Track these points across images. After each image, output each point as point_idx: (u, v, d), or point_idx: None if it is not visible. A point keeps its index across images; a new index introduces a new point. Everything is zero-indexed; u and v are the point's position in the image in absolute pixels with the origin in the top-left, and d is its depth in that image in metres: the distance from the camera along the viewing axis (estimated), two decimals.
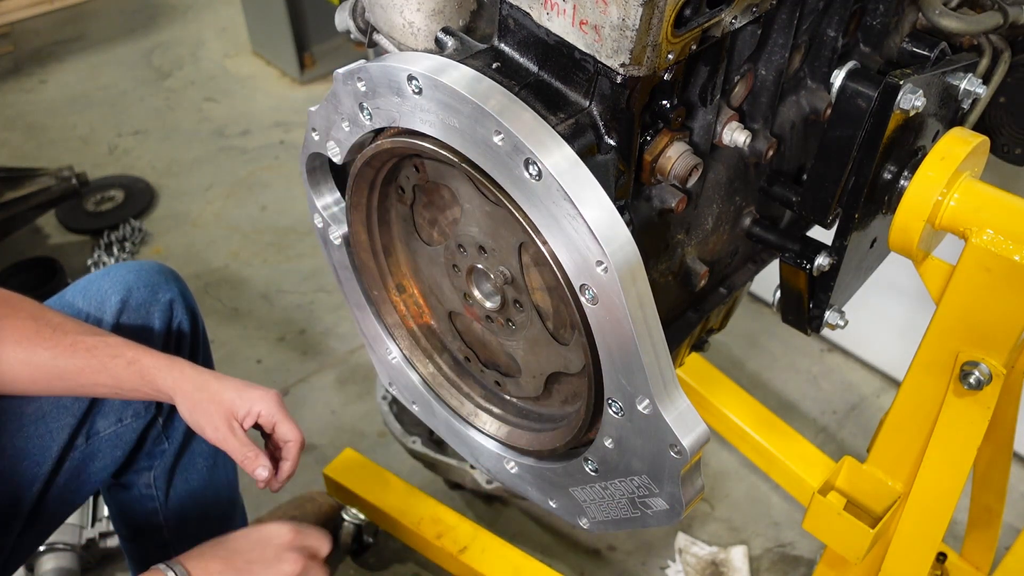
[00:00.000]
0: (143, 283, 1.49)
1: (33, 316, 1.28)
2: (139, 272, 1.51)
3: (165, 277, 1.53)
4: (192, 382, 1.28)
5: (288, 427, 1.30)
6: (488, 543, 1.92)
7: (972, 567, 1.91)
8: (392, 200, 1.23)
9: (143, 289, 1.49)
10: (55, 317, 1.30)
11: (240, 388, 1.29)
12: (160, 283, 1.51)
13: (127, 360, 1.27)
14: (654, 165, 1.05)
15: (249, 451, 1.27)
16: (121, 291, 1.47)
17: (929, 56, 1.21)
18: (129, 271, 1.50)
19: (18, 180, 2.92)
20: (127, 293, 1.47)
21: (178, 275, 1.57)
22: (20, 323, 1.26)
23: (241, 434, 1.28)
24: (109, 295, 1.46)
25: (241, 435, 1.28)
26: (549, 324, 1.15)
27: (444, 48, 1.08)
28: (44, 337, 1.26)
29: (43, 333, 1.26)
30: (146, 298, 1.49)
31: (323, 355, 2.67)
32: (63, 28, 4.36)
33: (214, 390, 1.28)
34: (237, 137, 3.61)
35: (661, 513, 1.10)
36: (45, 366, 1.25)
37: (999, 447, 1.64)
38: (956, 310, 1.12)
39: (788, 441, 2.14)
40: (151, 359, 1.28)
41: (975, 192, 1.07)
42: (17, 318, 1.27)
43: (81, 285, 1.48)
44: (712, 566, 2.13)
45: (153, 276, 1.51)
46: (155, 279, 1.51)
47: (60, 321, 1.29)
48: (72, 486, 1.46)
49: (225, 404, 1.27)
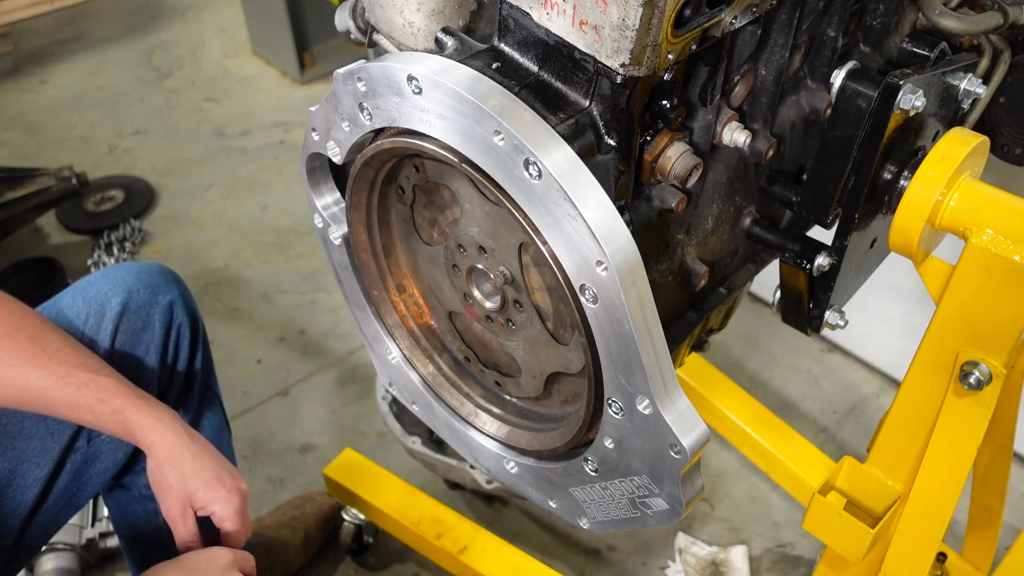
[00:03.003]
0: (143, 285, 1.49)
1: (33, 338, 1.27)
2: (139, 274, 1.50)
3: (165, 279, 1.52)
4: (167, 451, 1.26)
5: (235, 535, 1.29)
6: (488, 543, 1.92)
7: (972, 567, 1.91)
8: (392, 200, 1.23)
9: (143, 291, 1.48)
10: (55, 341, 1.29)
11: (207, 483, 1.26)
12: (160, 285, 1.50)
13: (112, 409, 1.25)
14: (654, 165, 1.05)
15: (190, 542, 1.27)
16: (121, 293, 1.46)
17: (929, 56, 1.21)
18: (129, 273, 1.50)
19: (18, 180, 2.92)
20: (127, 295, 1.46)
21: (178, 277, 1.57)
22: (19, 345, 1.26)
23: (191, 522, 1.27)
24: (109, 297, 1.45)
25: (191, 523, 1.27)
26: (549, 324, 1.15)
27: (444, 48, 1.08)
28: (40, 364, 1.25)
29: (39, 360, 1.25)
30: (146, 300, 1.48)
31: (323, 355, 2.67)
32: (63, 28, 4.36)
33: (183, 470, 1.26)
34: (237, 137, 3.61)
35: (661, 513, 1.10)
36: (35, 392, 1.25)
37: (999, 447, 1.64)
38: (956, 310, 1.12)
39: (788, 441, 2.14)
40: (136, 413, 1.26)
41: (975, 192, 1.07)
42: (17, 339, 1.26)
43: (81, 286, 1.48)
44: (712, 566, 2.13)
45: (153, 278, 1.50)
46: (155, 281, 1.50)
47: (59, 347, 1.28)
48: (73, 488, 1.46)
49: (188, 490, 1.25)
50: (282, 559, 2.03)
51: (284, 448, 2.41)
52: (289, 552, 2.05)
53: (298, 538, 2.07)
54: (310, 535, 2.10)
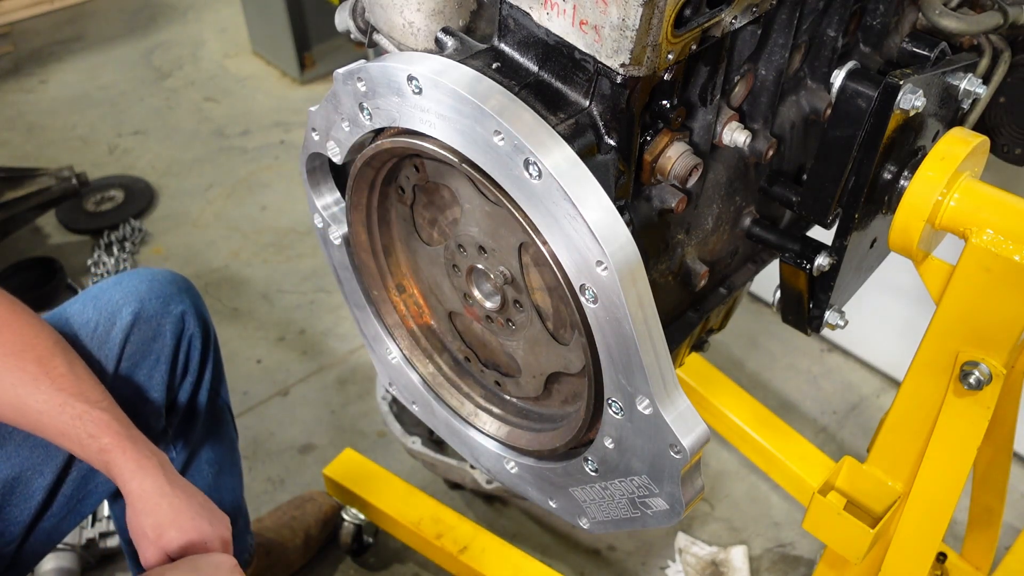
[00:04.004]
0: (155, 295, 1.47)
1: (39, 360, 1.26)
2: (152, 283, 1.48)
3: (178, 288, 1.50)
4: (145, 501, 1.23)
5: None
6: (488, 543, 1.92)
7: (972, 567, 1.91)
8: (392, 200, 1.23)
9: (155, 301, 1.46)
10: (61, 365, 1.27)
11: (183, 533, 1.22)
12: (173, 295, 1.49)
13: (99, 447, 1.23)
14: (654, 165, 1.05)
15: None
16: (133, 303, 1.44)
17: (929, 56, 1.21)
18: (142, 281, 1.48)
19: (18, 180, 2.92)
20: (139, 305, 1.45)
21: (191, 285, 1.55)
22: (24, 365, 1.24)
23: None
24: (121, 306, 1.44)
25: None
26: (549, 324, 1.15)
27: (444, 48, 1.08)
28: (41, 389, 1.24)
29: (41, 384, 1.24)
30: (158, 310, 1.46)
31: (323, 355, 2.67)
32: (63, 28, 4.36)
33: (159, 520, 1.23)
34: (237, 137, 3.61)
35: (661, 513, 1.10)
36: (31, 415, 1.25)
37: (999, 447, 1.64)
38: (956, 310, 1.12)
39: (788, 441, 2.14)
40: (120, 456, 1.24)
41: (975, 192, 1.07)
42: (23, 359, 1.25)
43: (93, 293, 1.46)
44: (712, 566, 2.13)
45: (166, 287, 1.49)
46: (168, 290, 1.49)
47: (63, 372, 1.26)
48: (78, 496, 1.45)
49: (163, 541, 1.22)
50: (282, 559, 2.03)
51: (284, 448, 2.41)
52: (289, 552, 2.04)
53: (298, 538, 2.07)
54: (310, 535, 2.10)
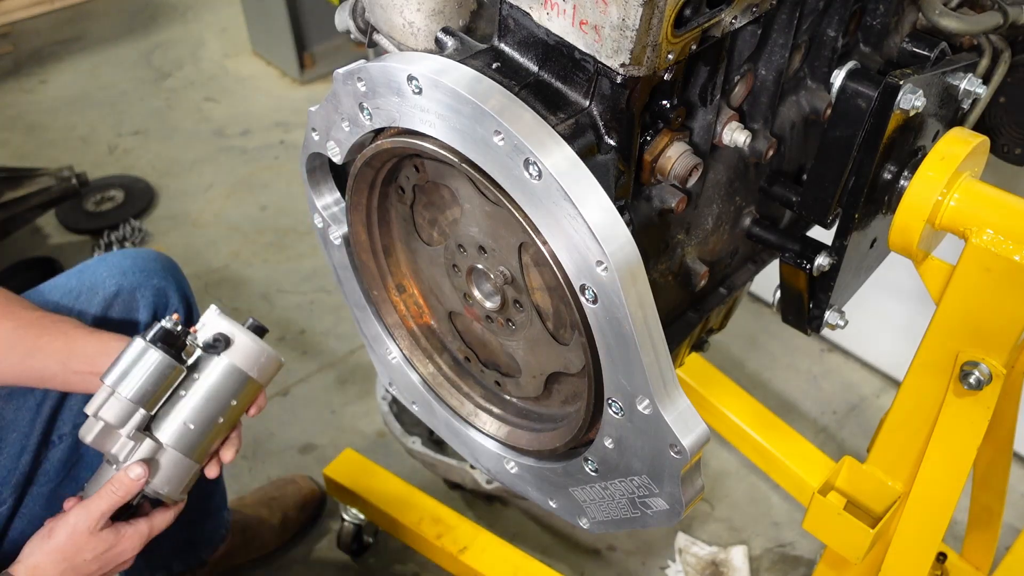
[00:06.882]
0: (138, 268, 1.54)
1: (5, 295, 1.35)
2: (135, 259, 1.55)
3: (161, 265, 1.57)
4: None
5: None
6: (488, 543, 1.92)
7: (972, 567, 1.91)
8: (392, 200, 1.23)
9: (137, 274, 1.53)
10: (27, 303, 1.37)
11: None
12: (156, 270, 1.55)
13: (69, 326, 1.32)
14: (654, 165, 1.05)
15: None
16: (116, 275, 1.52)
17: (929, 56, 1.21)
18: (125, 257, 1.55)
19: (18, 180, 2.92)
20: (121, 277, 1.52)
21: (176, 266, 1.60)
22: None
23: None
24: (104, 279, 1.51)
25: None
26: (549, 324, 1.15)
27: (444, 48, 1.08)
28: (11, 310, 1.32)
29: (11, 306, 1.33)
30: (140, 282, 1.53)
31: (323, 355, 2.67)
32: (63, 28, 4.36)
33: None
34: (237, 137, 3.61)
35: (661, 513, 1.10)
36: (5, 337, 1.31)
37: (999, 447, 1.64)
38: (956, 310, 1.12)
39: (788, 441, 2.15)
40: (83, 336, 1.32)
41: (975, 192, 1.07)
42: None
43: (78, 268, 1.54)
44: (712, 566, 2.13)
45: (149, 263, 1.55)
46: (150, 266, 1.55)
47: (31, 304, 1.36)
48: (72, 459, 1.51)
49: None
50: (257, 539, 2.05)
51: (284, 448, 2.41)
52: (264, 532, 2.07)
53: (275, 518, 2.09)
54: (288, 516, 2.12)
